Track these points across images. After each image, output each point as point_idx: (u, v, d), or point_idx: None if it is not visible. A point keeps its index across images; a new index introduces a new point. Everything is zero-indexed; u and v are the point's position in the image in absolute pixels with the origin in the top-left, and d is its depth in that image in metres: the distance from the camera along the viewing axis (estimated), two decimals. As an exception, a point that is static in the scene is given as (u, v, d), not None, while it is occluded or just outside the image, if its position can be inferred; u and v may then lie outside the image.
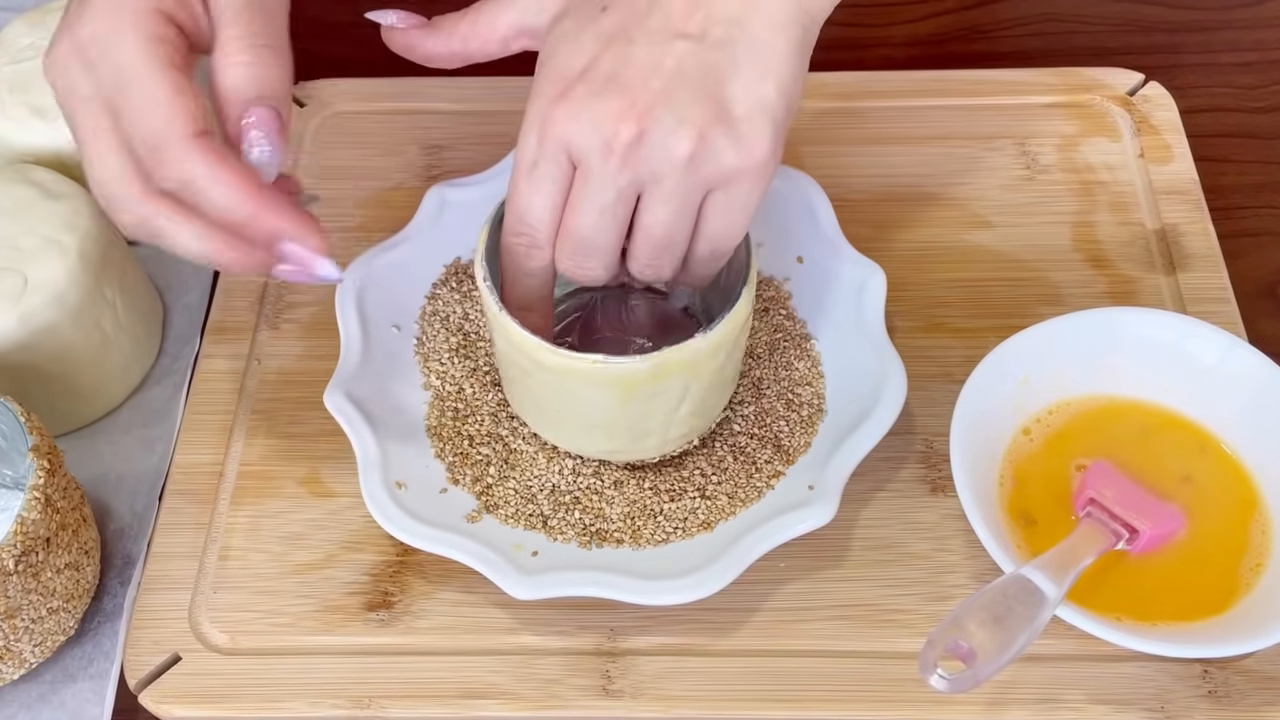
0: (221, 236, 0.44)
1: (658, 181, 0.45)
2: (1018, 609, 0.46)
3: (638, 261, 0.47)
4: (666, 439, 0.52)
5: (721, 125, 0.44)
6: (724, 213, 0.46)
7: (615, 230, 0.46)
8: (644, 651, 0.52)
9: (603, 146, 0.44)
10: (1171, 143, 0.67)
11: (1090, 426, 0.55)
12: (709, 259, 0.48)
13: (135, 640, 0.53)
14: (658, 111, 0.43)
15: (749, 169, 0.45)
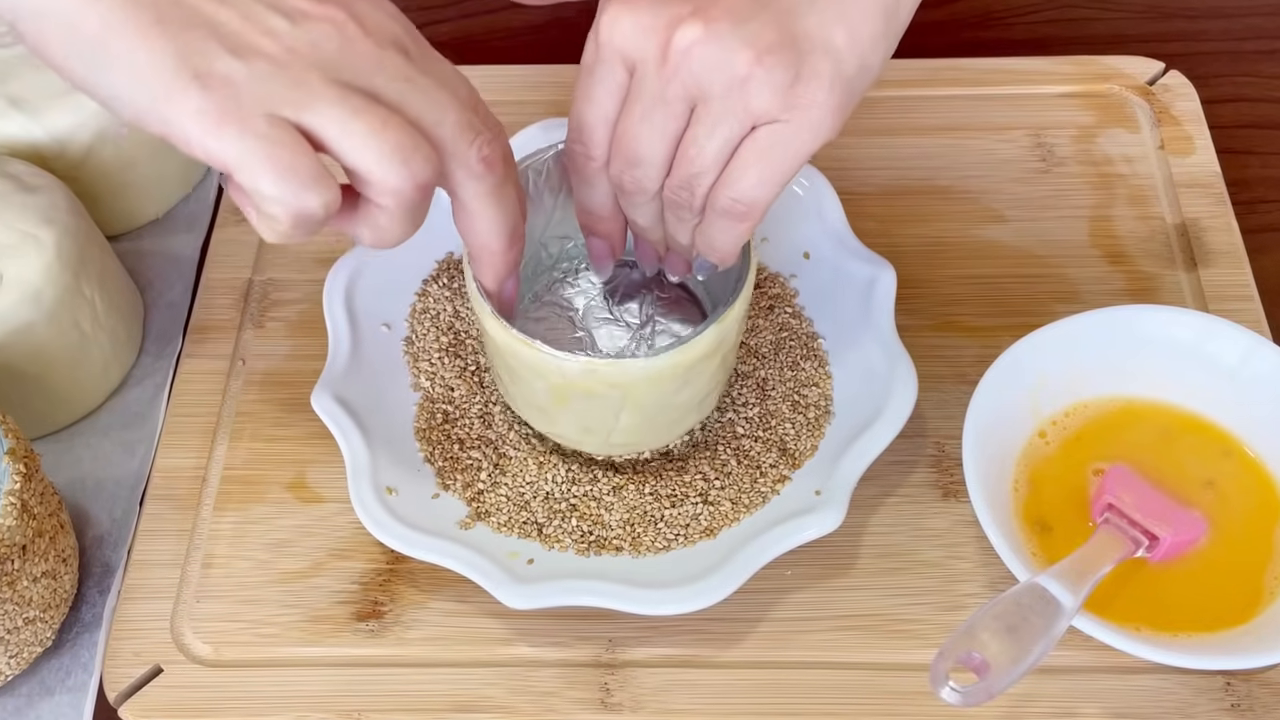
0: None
1: (706, 100, 0.43)
2: (1033, 619, 0.46)
3: (668, 188, 0.46)
4: (609, 443, 0.53)
5: (784, 55, 0.42)
6: (759, 159, 0.44)
7: (662, 144, 0.45)
8: (644, 663, 0.52)
9: (657, 52, 0.43)
10: (1193, 134, 0.68)
11: (1108, 429, 0.55)
12: (725, 217, 0.46)
13: (115, 652, 0.53)
14: (721, 25, 0.42)
15: (800, 113, 0.43)
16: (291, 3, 0.40)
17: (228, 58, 0.38)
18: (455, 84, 0.43)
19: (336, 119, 0.39)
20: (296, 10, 0.40)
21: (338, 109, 0.39)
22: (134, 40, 0.38)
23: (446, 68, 0.43)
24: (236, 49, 0.38)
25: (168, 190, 0.68)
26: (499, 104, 0.69)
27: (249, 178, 0.39)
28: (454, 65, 0.43)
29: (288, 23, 0.39)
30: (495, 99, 0.69)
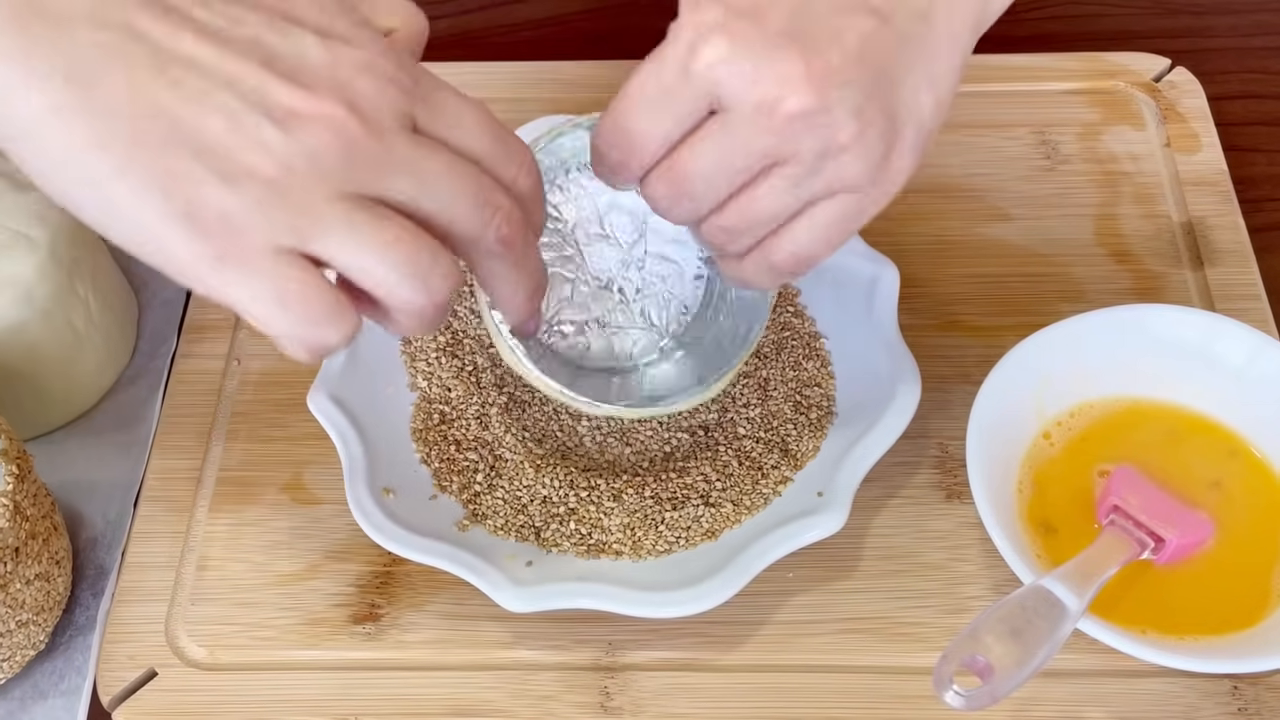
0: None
1: (796, 160, 0.41)
2: (1037, 622, 0.46)
3: (713, 224, 0.44)
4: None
5: (883, 127, 0.41)
6: (832, 224, 0.43)
7: (727, 188, 0.42)
8: (644, 667, 0.52)
9: (760, 105, 0.40)
10: (1199, 131, 0.68)
11: (1114, 430, 0.55)
12: (777, 268, 0.45)
13: (109, 655, 0.53)
14: (835, 93, 0.40)
15: (884, 186, 0.43)
16: (282, 100, 0.35)
17: (218, 186, 0.34)
18: (469, 143, 0.39)
19: (344, 243, 0.36)
20: (288, 113, 0.35)
21: (344, 232, 0.36)
22: (109, 167, 0.34)
23: (457, 115, 0.39)
24: (227, 174, 0.34)
25: (162, 188, 0.67)
26: (499, 101, 0.69)
27: (259, 319, 0.36)
28: (462, 98, 0.39)
29: (280, 133, 0.35)
30: (495, 95, 0.69)
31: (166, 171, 0.34)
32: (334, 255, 0.36)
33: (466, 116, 0.39)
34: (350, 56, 0.36)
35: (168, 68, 0.34)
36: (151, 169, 0.34)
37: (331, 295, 0.37)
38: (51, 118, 0.34)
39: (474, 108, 0.39)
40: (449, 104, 0.39)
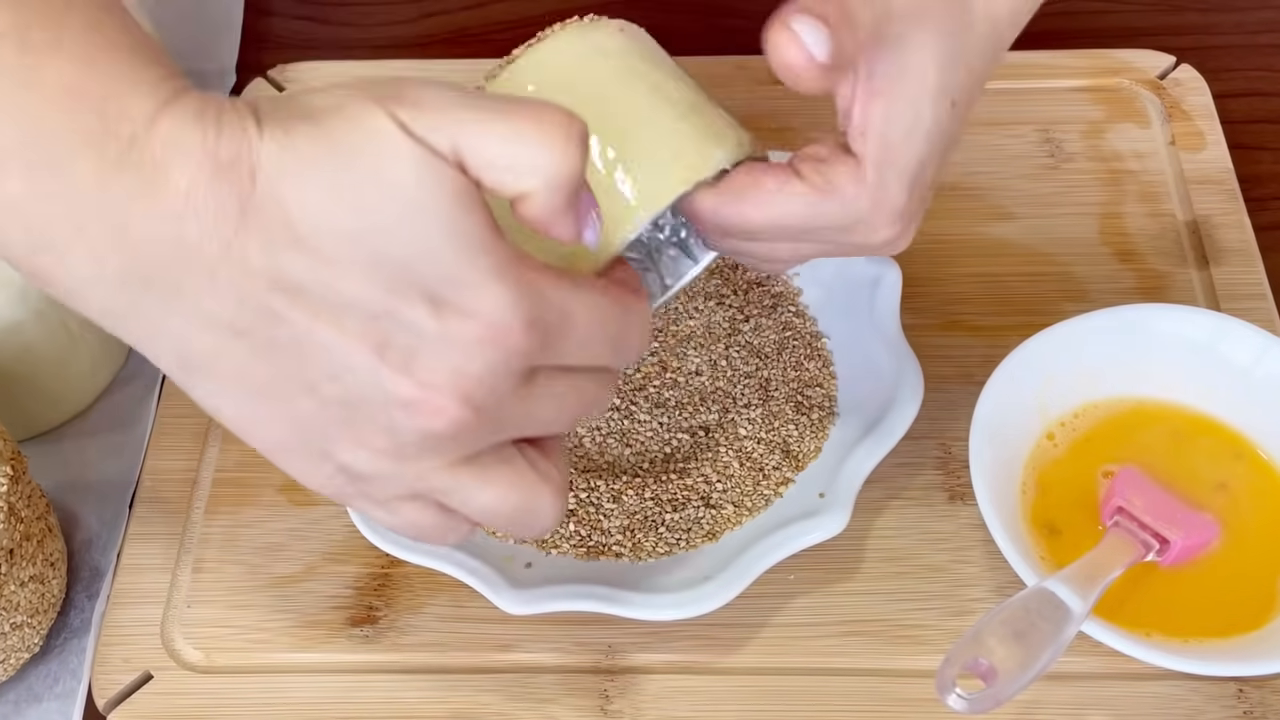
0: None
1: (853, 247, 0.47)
2: (1041, 624, 0.46)
3: (754, 254, 0.48)
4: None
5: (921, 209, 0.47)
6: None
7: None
8: (644, 669, 0.52)
9: (881, 234, 0.45)
10: (1204, 129, 0.67)
11: (1118, 431, 0.55)
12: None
13: (104, 658, 0.53)
14: (912, 228, 0.47)
15: (902, 242, 0.46)
16: (395, 391, 0.34)
17: (343, 448, 0.35)
18: (588, 360, 0.37)
19: (452, 497, 0.37)
20: (402, 402, 0.34)
21: (452, 491, 0.37)
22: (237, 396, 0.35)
23: (579, 341, 0.36)
24: (352, 440, 0.35)
25: (158, 186, 0.67)
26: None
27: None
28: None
29: (393, 418, 0.34)
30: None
31: (301, 424, 0.35)
32: (447, 504, 0.38)
33: (586, 332, 0.36)
34: (462, 332, 0.33)
35: (294, 350, 0.34)
36: (291, 423, 0.35)
37: (447, 523, 0.38)
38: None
39: (595, 316, 0.36)
40: (571, 332, 0.36)
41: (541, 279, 0.35)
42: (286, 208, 0.32)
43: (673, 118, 0.44)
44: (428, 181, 0.32)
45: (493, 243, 0.33)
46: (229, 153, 0.32)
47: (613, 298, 0.37)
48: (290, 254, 0.32)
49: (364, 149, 0.32)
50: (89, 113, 0.32)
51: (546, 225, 0.35)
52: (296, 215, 0.32)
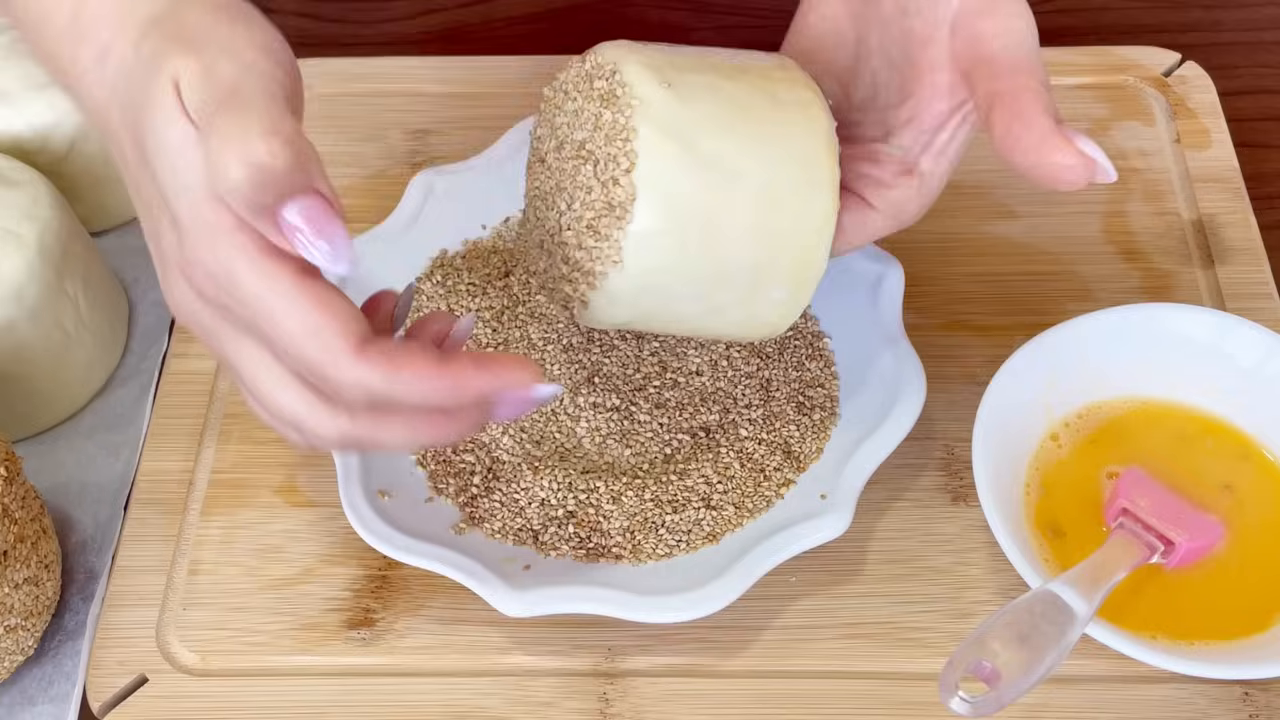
0: (427, 421, 0.42)
1: None
2: (1045, 627, 0.46)
3: None
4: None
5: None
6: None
7: None
8: (644, 672, 0.52)
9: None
10: (1210, 127, 0.67)
11: (1123, 431, 0.55)
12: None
13: (99, 660, 0.53)
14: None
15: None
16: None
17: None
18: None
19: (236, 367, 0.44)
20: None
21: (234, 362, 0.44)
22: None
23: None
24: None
25: (153, 185, 0.67)
26: (495, 97, 0.69)
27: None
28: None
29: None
30: (491, 92, 0.69)
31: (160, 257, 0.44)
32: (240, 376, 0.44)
33: (225, 278, 0.41)
34: (170, 249, 0.42)
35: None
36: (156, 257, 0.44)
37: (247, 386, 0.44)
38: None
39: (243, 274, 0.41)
40: (225, 286, 0.41)
41: (246, 259, 0.40)
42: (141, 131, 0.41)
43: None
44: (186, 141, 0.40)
45: (201, 204, 0.40)
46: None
47: (311, 320, 0.40)
48: (140, 153, 0.42)
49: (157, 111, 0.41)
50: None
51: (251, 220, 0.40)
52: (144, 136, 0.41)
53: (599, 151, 0.46)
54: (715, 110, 0.46)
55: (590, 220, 0.46)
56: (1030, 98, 0.44)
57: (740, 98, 0.47)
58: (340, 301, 0.40)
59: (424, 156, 0.68)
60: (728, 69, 0.48)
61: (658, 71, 0.46)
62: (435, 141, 0.69)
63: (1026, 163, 0.44)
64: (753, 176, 0.46)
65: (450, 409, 0.42)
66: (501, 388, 0.42)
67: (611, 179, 0.46)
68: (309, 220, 0.39)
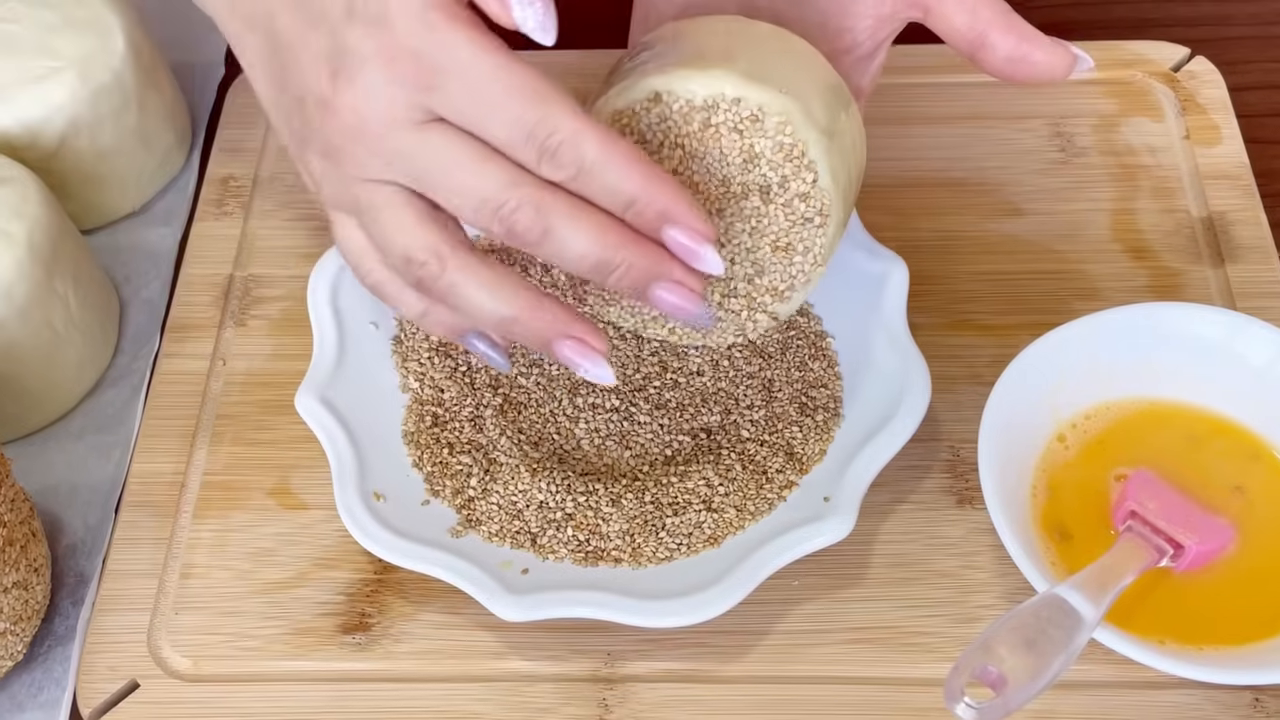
0: (617, 227, 0.44)
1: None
2: (1052, 632, 0.46)
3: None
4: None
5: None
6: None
7: None
8: (644, 678, 0.52)
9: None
10: (1220, 123, 0.67)
11: (1131, 433, 0.55)
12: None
13: (89, 666, 0.53)
14: None
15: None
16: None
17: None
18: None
19: (369, 219, 0.47)
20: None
21: (367, 213, 0.46)
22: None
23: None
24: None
25: (145, 182, 0.68)
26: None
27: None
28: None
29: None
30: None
31: (284, 113, 0.47)
32: (363, 224, 0.47)
33: (480, 91, 0.43)
34: (368, 49, 0.43)
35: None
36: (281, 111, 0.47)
37: (365, 247, 0.48)
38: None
39: (497, 80, 0.43)
40: (463, 85, 0.43)
41: (462, 33, 0.42)
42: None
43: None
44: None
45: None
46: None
47: (531, 82, 0.42)
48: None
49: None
50: None
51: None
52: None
53: (764, 178, 0.49)
54: (808, 86, 0.49)
55: (775, 241, 0.50)
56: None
57: (798, 61, 0.50)
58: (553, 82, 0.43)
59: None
60: (774, 43, 0.50)
61: (764, 81, 0.48)
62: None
63: (1004, 54, 0.48)
64: (845, 129, 0.51)
65: (626, 225, 0.44)
66: (678, 218, 0.44)
67: (798, 195, 0.49)
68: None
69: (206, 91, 0.73)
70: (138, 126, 0.65)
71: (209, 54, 0.73)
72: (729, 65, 0.48)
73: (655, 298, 0.45)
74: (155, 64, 0.67)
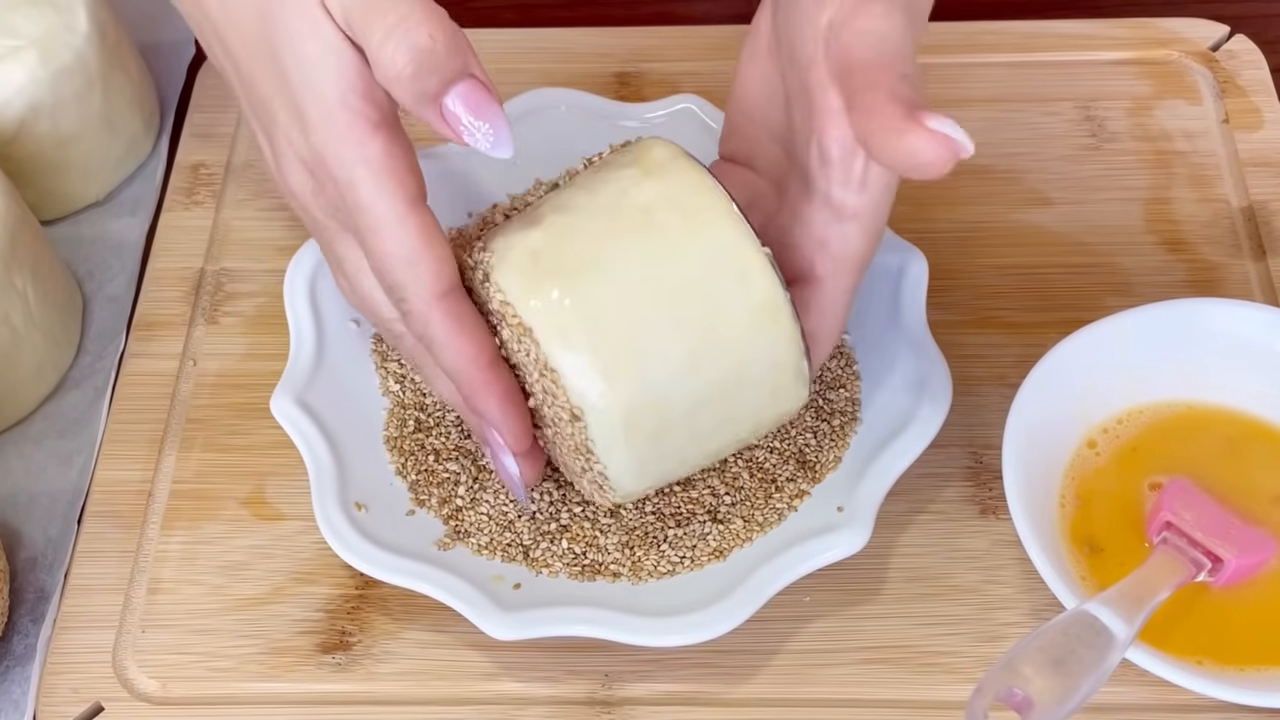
0: (448, 387, 0.51)
1: None
2: (1081, 651, 0.46)
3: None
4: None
5: None
6: None
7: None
8: (644, 701, 0.53)
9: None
10: (1261, 106, 0.68)
11: (1166, 438, 0.55)
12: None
13: (50, 688, 0.53)
14: None
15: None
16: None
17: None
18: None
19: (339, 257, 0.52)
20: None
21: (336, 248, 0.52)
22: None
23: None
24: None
25: (109, 170, 0.68)
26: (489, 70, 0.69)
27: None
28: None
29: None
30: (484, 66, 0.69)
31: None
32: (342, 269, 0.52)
33: (351, 199, 0.47)
34: (288, 149, 0.49)
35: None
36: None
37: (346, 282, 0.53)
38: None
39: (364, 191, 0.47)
40: (339, 196, 0.48)
41: (361, 148, 0.46)
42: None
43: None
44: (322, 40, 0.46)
45: (340, 110, 0.45)
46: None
47: (409, 239, 0.46)
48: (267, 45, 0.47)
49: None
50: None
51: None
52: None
53: (540, 372, 0.47)
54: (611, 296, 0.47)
55: (574, 446, 0.48)
56: (880, 91, 0.44)
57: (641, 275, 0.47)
58: (442, 242, 0.47)
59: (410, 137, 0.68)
60: (600, 221, 0.48)
61: (531, 276, 0.47)
62: (415, 121, 0.68)
63: (882, 156, 0.43)
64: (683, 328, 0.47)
65: (465, 400, 0.49)
66: (493, 425, 0.48)
67: (562, 406, 0.47)
68: (469, 105, 0.45)
69: (175, 73, 0.73)
70: (102, 110, 0.65)
71: (178, 33, 0.73)
72: (554, 302, 0.47)
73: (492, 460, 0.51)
74: (121, 43, 0.67)
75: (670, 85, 0.69)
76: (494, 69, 0.67)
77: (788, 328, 0.47)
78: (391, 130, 0.46)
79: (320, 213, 0.49)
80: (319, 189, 0.48)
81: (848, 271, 0.49)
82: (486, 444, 0.51)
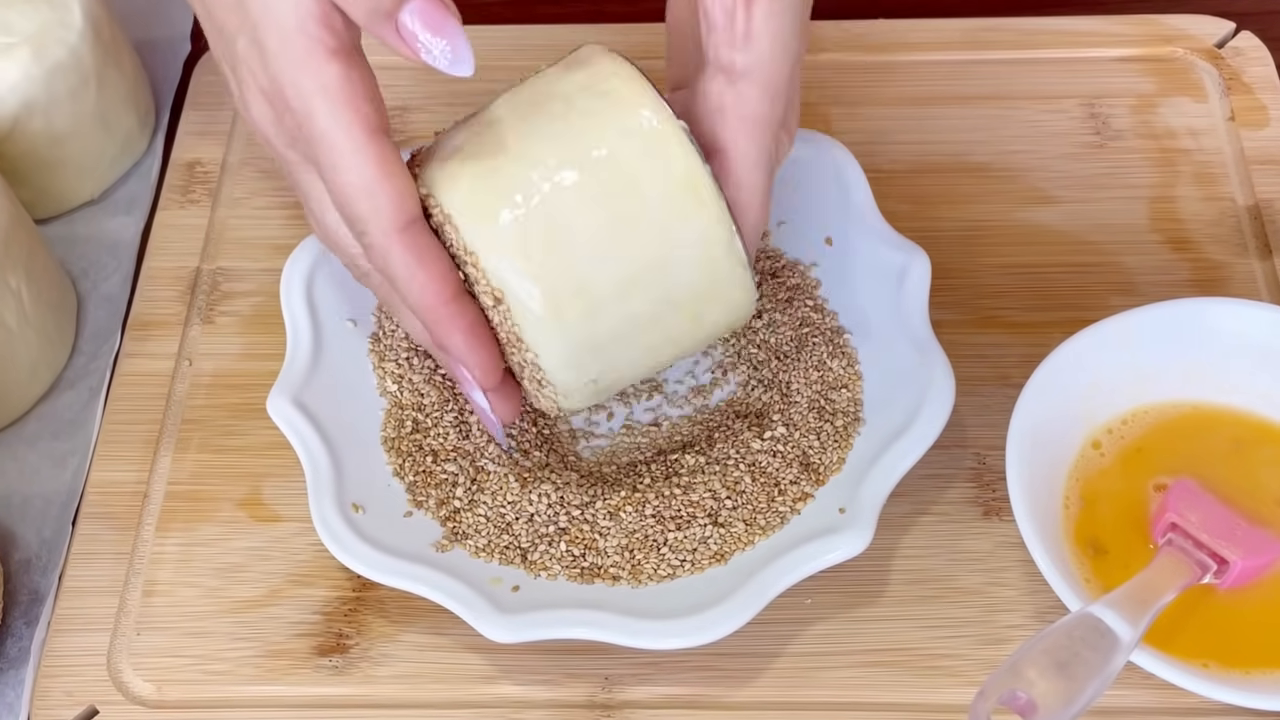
0: (412, 321, 0.51)
1: None
2: (1086, 654, 0.46)
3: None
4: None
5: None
6: None
7: None
8: (644, 704, 0.52)
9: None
10: (1267, 103, 0.68)
11: (1171, 439, 0.55)
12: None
13: (44, 691, 0.53)
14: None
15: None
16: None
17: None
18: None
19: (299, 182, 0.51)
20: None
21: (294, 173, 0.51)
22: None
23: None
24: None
25: (104, 168, 0.68)
26: (480, 69, 0.69)
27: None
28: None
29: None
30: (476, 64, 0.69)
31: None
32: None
33: (312, 127, 0.46)
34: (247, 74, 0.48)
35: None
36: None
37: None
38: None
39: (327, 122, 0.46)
40: (300, 126, 0.46)
41: (318, 76, 0.44)
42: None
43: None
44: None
45: (306, 38, 0.44)
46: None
47: (368, 169, 0.45)
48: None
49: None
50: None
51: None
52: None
53: (465, 257, 0.48)
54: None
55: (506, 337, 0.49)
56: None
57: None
58: (402, 173, 0.46)
59: (402, 135, 0.68)
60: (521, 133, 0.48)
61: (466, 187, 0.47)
62: (415, 119, 0.69)
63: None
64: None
65: (430, 335, 0.48)
66: (458, 358, 0.48)
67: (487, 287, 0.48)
68: (426, 21, 0.44)
69: (171, 70, 0.73)
70: (97, 107, 0.65)
71: (174, 29, 0.73)
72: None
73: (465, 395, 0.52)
74: (116, 40, 0.67)
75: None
76: (488, 66, 0.68)
77: (710, 199, 0.47)
78: (350, 57, 0.45)
79: (282, 144, 0.48)
80: (278, 120, 0.47)
81: (749, 135, 0.47)
82: (459, 381, 0.51)
